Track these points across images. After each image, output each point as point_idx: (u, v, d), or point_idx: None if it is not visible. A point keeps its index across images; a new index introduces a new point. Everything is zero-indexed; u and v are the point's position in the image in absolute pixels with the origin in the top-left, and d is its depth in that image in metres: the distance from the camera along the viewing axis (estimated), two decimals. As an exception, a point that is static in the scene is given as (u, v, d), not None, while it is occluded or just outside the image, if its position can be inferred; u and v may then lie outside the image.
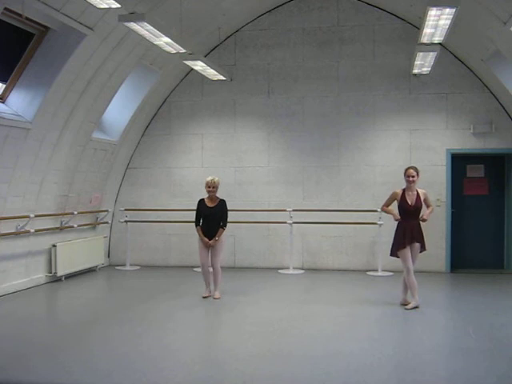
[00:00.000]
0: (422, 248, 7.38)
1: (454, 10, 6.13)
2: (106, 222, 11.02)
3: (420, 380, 4.83)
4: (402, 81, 10.41)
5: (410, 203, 7.21)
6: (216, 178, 8.01)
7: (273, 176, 10.84)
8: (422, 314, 7.08)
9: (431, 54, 8.20)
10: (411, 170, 7.28)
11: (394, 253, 7.34)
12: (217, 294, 8.03)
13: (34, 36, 7.79)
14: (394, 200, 7.37)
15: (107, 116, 10.14)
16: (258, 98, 10.90)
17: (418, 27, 8.54)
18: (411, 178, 7.23)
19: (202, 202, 8.07)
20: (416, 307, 7.21)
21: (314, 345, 5.77)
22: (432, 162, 10.33)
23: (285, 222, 10.44)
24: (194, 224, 8.10)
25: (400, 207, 7.28)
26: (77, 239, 9.86)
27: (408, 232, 7.18)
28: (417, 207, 7.23)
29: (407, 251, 7.19)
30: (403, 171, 7.41)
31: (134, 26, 6.77)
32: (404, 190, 7.30)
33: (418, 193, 7.28)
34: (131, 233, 10.94)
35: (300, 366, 5.14)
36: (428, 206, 7.34)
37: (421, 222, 7.28)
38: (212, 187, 7.95)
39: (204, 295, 8.07)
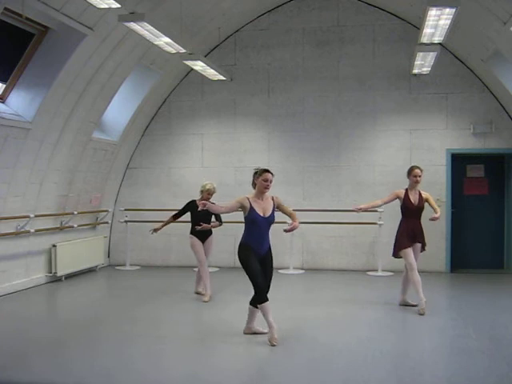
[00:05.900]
0: (422, 248, 7.38)
1: (453, 9, 6.14)
2: (106, 222, 11.02)
3: (419, 380, 4.83)
4: (401, 81, 10.41)
5: (413, 202, 7.21)
6: (215, 184, 8.04)
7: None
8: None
9: (431, 54, 8.20)
10: (418, 170, 7.23)
11: (395, 253, 7.33)
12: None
13: (34, 36, 7.79)
14: (393, 199, 7.35)
15: (107, 116, 10.15)
16: (258, 98, 10.90)
17: (418, 27, 8.54)
18: (418, 178, 7.20)
19: (194, 203, 7.86)
20: (420, 304, 7.02)
21: (313, 344, 5.78)
22: (432, 162, 10.33)
23: (285, 222, 10.38)
24: (191, 224, 8.05)
25: (403, 206, 7.27)
26: (77, 239, 9.86)
27: (410, 232, 7.18)
28: (419, 207, 7.23)
29: (409, 250, 7.18)
30: (407, 170, 7.36)
31: (133, 25, 6.79)
32: (407, 190, 7.29)
33: (420, 193, 7.29)
34: (131, 233, 10.94)
35: (300, 365, 5.14)
36: (434, 209, 7.28)
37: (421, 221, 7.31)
38: (212, 195, 7.93)
39: (206, 299, 7.76)
